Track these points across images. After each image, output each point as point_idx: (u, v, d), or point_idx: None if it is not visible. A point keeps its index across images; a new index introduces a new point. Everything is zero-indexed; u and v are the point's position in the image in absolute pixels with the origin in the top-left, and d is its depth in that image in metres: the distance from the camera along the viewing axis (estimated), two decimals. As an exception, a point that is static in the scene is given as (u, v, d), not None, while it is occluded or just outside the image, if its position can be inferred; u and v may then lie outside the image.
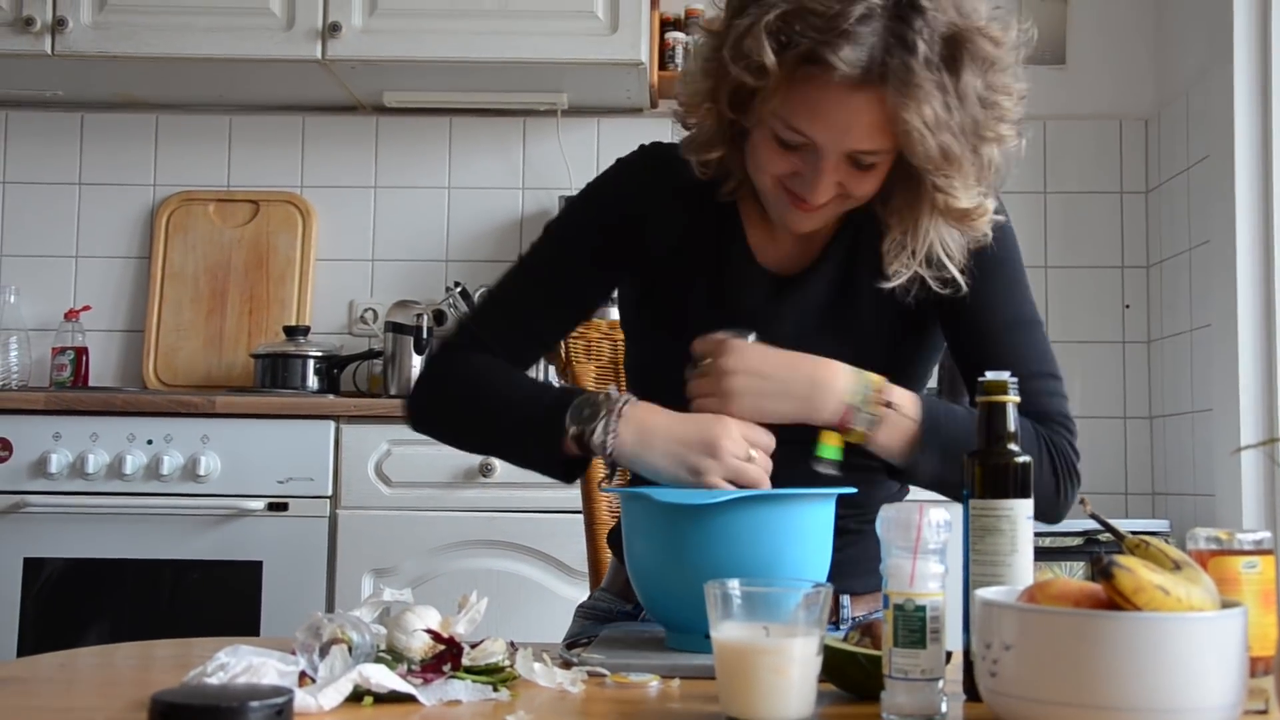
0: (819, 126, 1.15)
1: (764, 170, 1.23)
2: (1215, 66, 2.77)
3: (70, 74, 3.01)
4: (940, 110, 1.11)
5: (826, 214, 1.26)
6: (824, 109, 1.14)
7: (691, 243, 1.36)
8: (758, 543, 1.13)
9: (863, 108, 1.13)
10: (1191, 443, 2.92)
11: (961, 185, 1.17)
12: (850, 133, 1.15)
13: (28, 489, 2.55)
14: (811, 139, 1.17)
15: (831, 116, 1.15)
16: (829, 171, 1.18)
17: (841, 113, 1.14)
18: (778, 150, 1.20)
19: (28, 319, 3.13)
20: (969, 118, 1.14)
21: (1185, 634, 0.81)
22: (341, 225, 3.23)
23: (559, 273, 1.39)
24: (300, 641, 1.00)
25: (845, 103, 1.13)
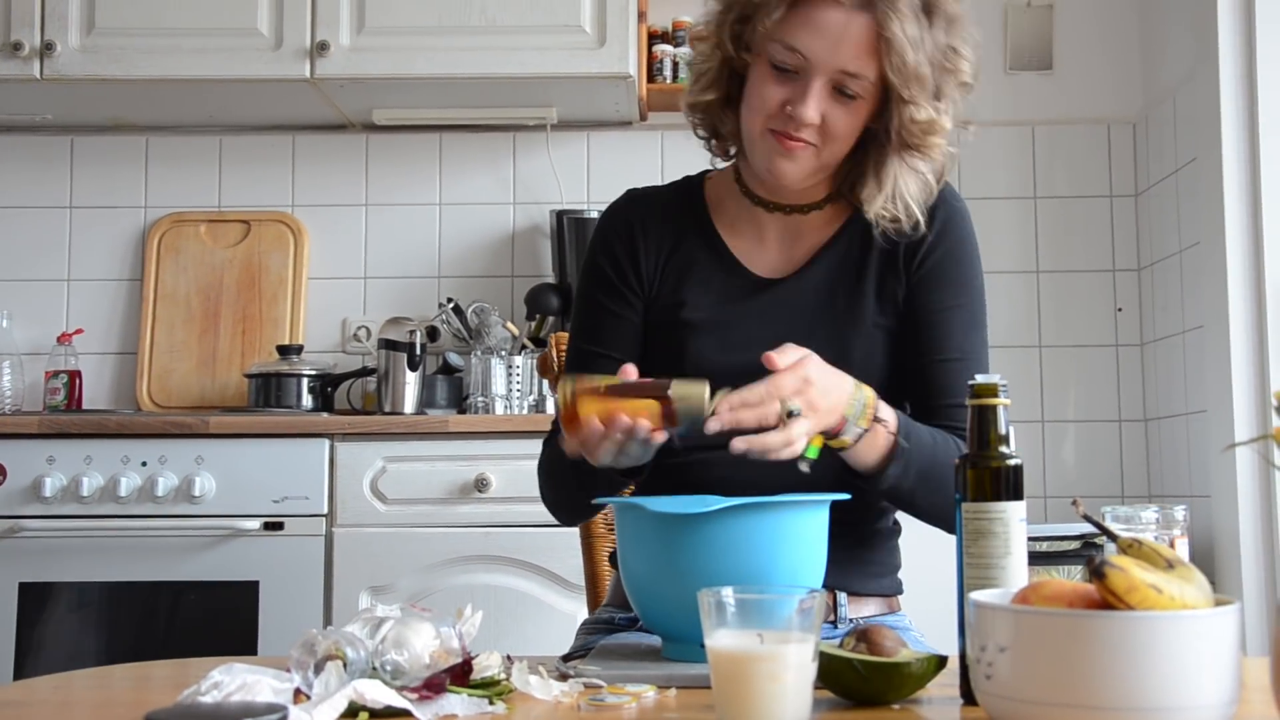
0: (817, 40, 1.31)
1: (758, 105, 1.35)
2: (1201, 69, 2.79)
3: (59, 98, 3.01)
4: (915, 34, 1.31)
5: (807, 162, 1.36)
6: (822, 25, 1.31)
7: (678, 258, 1.46)
8: (751, 551, 1.13)
9: (856, 28, 1.31)
10: (1186, 445, 2.92)
11: (925, 101, 1.34)
12: (841, 49, 1.31)
13: (22, 513, 2.54)
14: (807, 55, 1.31)
15: (829, 32, 1.31)
16: (818, 90, 1.32)
17: (836, 29, 1.30)
18: (773, 78, 1.34)
19: (20, 343, 3.12)
20: (937, 51, 1.34)
21: (1179, 632, 0.81)
22: (333, 243, 3.24)
23: (599, 331, 1.48)
24: (295, 658, 1.00)
25: (841, 21, 1.30)
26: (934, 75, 1.34)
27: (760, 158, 1.39)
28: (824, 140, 1.35)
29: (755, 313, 1.42)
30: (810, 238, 1.46)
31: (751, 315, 1.42)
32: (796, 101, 1.32)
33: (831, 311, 1.42)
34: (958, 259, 1.45)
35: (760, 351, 1.31)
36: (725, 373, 1.33)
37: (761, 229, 1.47)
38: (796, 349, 1.24)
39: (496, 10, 2.85)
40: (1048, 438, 3.15)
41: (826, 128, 1.34)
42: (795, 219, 1.46)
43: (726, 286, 1.44)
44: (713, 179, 1.53)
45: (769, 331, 1.38)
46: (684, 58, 3.09)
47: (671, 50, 3.09)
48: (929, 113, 1.34)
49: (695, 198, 1.50)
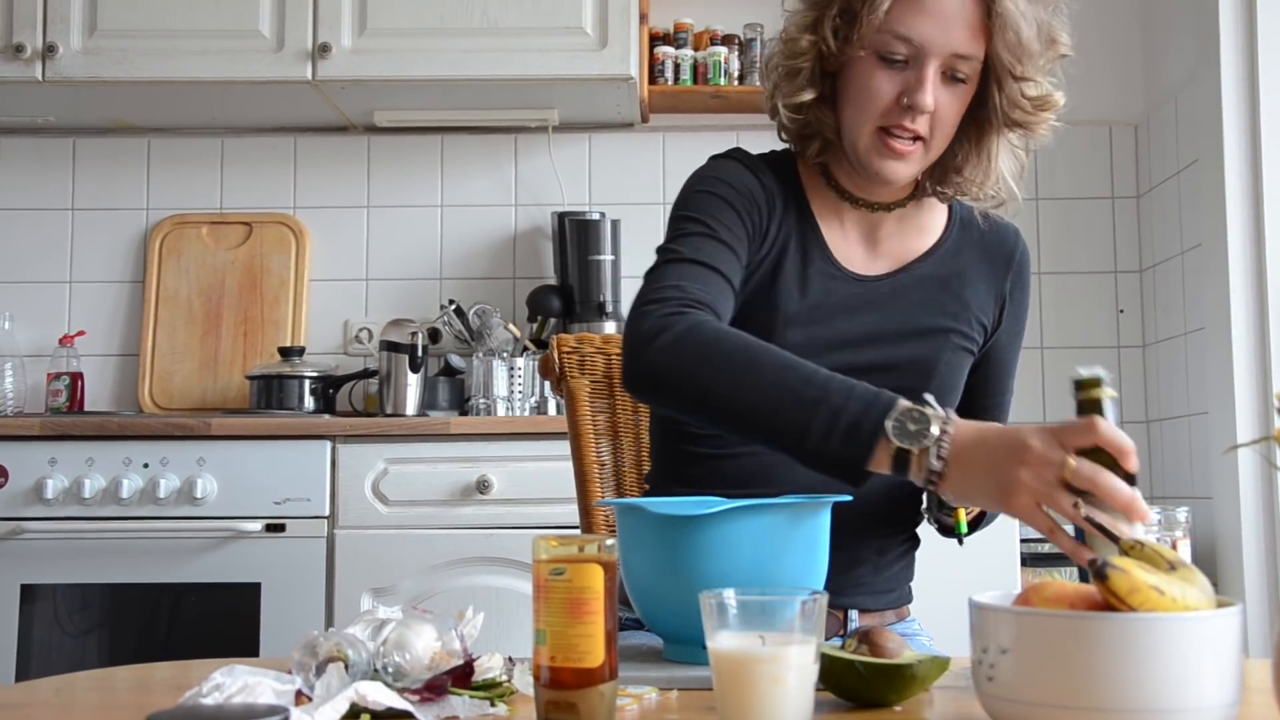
0: (929, 25, 1.29)
1: (869, 102, 1.33)
2: (1203, 71, 2.79)
3: (61, 100, 3.01)
4: (1025, 7, 1.29)
5: (916, 161, 1.35)
6: (934, 8, 1.29)
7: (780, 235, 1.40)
8: (753, 552, 1.12)
9: (968, 8, 1.29)
10: (1188, 446, 2.92)
11: (1039, 76, 1.32)
12: (953, 31, 1.29)
13: (24, 515, 2.54)
14: (920, 41, 1.29)
15: (941, 14, 1.29)
16: (933, 77, 1.30)
17: (949, 11, 1.29)
18: (883, 71, 1.32)
19: (22, 345, 3.13)
20: (1042, 24, 1.31)
21: (1181, 634, 0.80)
22: (335, 245, 3.24)
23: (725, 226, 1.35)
24: (297, 660, 0.99)
25: (954, 2, 1.29)
26: (1042, 49, 1.32)
27: (868, 161, 1.36)
28: (934, 130, 1.34)
29: (846, 312, 1.40)
30: (892, 242, 1.45)
31: (840, 308, 1.39)
32: (913, 91, 1.31)
33: (921, 316, 1.42)
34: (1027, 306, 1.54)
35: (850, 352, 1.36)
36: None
37: (845, 226, 1.44)
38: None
39: (498, 12, 2.85)
40: (1049, 439, 3.14)
41: (938, 116, 1.33)
42: (872, 218, 1.44)
43: (822, 280, 1.40)
44: (803, 164, 1.46)
45: (854, 325, 1.39)
46: (685, 59, 3.09)
47: (673, 52, 3.09)
48: (1042, 88, 1.34)
49: (793, 178, 1.44)
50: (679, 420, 1.40)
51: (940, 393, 1.35)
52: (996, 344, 1.48)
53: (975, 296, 1.45)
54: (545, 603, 0.92)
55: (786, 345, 1.23)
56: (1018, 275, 1.49)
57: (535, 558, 0.93)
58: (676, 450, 1.45)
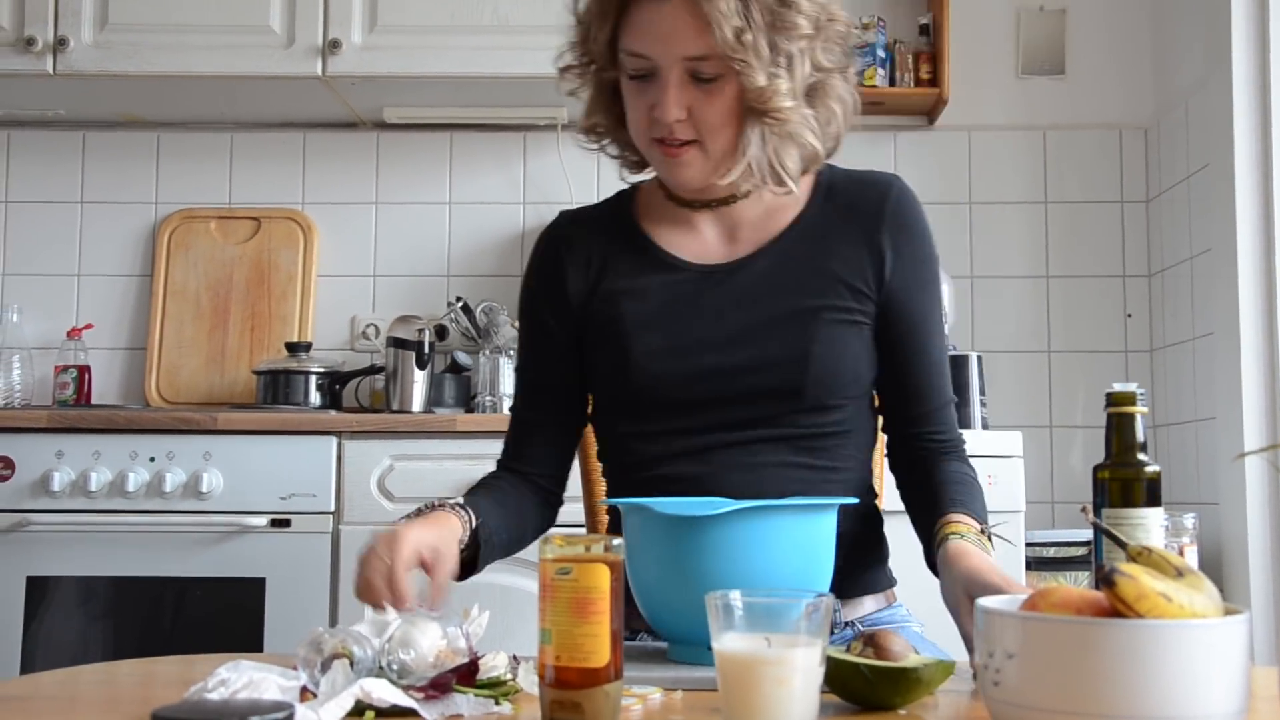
0: (650, 39, 1.32)
1: (633, 120, 1.37)
2: (1214, 74, 2.78)
3: (72, 93, 3.02)
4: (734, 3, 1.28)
5: (697, 162, 1.35)
6: (650, 22, 1.32)
7: (610, 268, 1.44)
8: (760, 554, 1.12)
9: (681, 14, 1.30)
10: (1195, 452, 2.92)
11: (761, 69, 1.30)
12: (674, 39, 1.30)
13: (30, 507, 2.55)
14: (648, 54, 1.32)
15: (658, 27, 1.31)
16: (673, 85, 1.32)
17: (664, 22, 1.31)
18: (636, 90, 1.35)
19: (30, 337, 3.13)
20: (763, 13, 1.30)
21: (1188, 641, 0.80)
22: (343, 241, 3.24)
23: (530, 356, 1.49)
24: (302, 656, 1.00)
25: (665, 12, 1.31)
26: (766, 38, 1.29)
27: (659, 167, 1.40)
28: (703, 133, 1.33)
29: (700, 307, 1.38)
30: (752, 230, 1.42)
31: (696, 310, 1.38)
32: (657, 104, 1.33)
33: (785, 299, 1.37)
34: (924, 257, 1.43)
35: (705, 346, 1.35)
36: (676, 376, 1.36)
37: (696, 228, 1.43)
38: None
39: (508, 9, 2.85)
40: (1056, 443, 3.14)
41: (698, 118, 1.32)
42: (727, 213, 1.42)
43: (666, 285, 1.40)
44: (643, 189, 1.50)
45: (717, 325, 1.37)
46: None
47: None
48: (762, 79, 1.30)
49: (625, 208, 1.49)
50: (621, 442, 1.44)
51: (828, 376, 1.34)
52: (894, 300, 1.40)
53: (844, 265, 1.39)
54: (551, 602, 0.91)
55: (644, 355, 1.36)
56: (894, 223, 1.41)
57: (542, 557, 0.93)
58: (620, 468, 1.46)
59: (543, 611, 0.92)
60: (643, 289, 1.41)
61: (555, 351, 1.46)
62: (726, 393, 1.35)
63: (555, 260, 1.47)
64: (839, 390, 1.37)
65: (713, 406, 1.36)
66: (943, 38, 3.07)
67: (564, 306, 1.45)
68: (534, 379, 1.49)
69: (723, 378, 1.35)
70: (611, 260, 1.44)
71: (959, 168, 3.23)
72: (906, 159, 3.21)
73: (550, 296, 1.46)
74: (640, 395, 1.38)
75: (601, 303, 1.43)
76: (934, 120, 3.21)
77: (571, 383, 1.47)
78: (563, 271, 1.46)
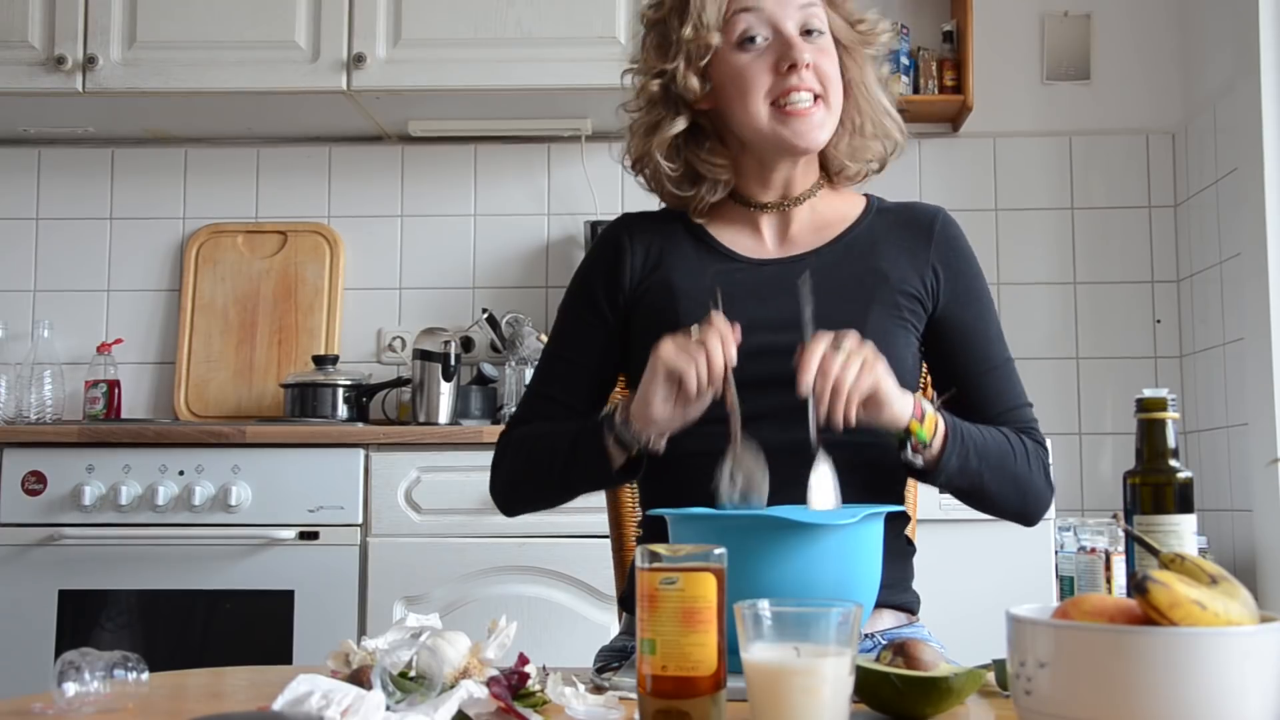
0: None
1: (751, 84, 1.38)
2: (1242, 79, 2.76)
3: (101, 110, 3.05)
4: None
5: (819, 115, 1.39)
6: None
7: (668, 256, 1.48)
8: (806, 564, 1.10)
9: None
10: (1227, 458, 2.89)
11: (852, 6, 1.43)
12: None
13: (62, 521, 2.57)
14: (768, 8, 1.37)
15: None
16: (794, 34, 1.37)
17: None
18: (748, 54, 1.38)
19: (61, 353, 3.16)
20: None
21: (1223, 649, 0.79)
22: (369, 254, 3.25)
23: (567, 338, 1.51)
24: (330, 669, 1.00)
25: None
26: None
27: (780, 136, 1.40)
28: (824, 85, 1.39)
29: (756, 294, 1.41)
30: (807, 232, 1.47)
31: (752, 297, 1.40)
32: (785, 55, 1.36)
33: (837, 291, 1.40)
34: (975, 272, 1.49)
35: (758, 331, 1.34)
36: None
37: (756, 228, 1.48)
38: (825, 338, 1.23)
39: (531, 22, 2.86)
40: (1085, 450, 3.12)
41: (819, 70, 1.38)
42: (787, 214, 1.48)
43: (722, 273, 1.43)
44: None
45: (769, 309, 1.38)
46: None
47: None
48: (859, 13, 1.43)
49: (685, 213, 1.52)
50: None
51: None
52: (950, 315, 1.45)
53: (894, 269, 1.43)
54: (655, 612, 0.91)
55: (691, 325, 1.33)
56: (943, 242, 1.47)
57: (641, 567, 0.93)
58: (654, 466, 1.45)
59: (643, 622, 0.92)
60: (698, 278, 1.44)
61: (598, 334, 1.48)
62: (773, 376, 1.30)
63: (617, 245, 1.50)
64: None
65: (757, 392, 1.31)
66: (966, 44, 3.06)
67: (618, 288, 1.48)
68: (565, 358, 1.50)
69: (771, 359, 1.30)
70: (669, 250, 1.48)
71: (984, 174, 3.21)
72: (931, 166, 3.20)
73: (608, 277, 1.49)
74: None
75: (657, 287, 1.46)
76: (959, 127, 3.20)
77: (601, 371, 1.50)
78: (623, 256, 1.48)
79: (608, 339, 1.48)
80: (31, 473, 2.59)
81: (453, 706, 0.93)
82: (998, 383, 1.45)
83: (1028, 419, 1.46)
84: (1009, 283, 3.16)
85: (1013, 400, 1.45)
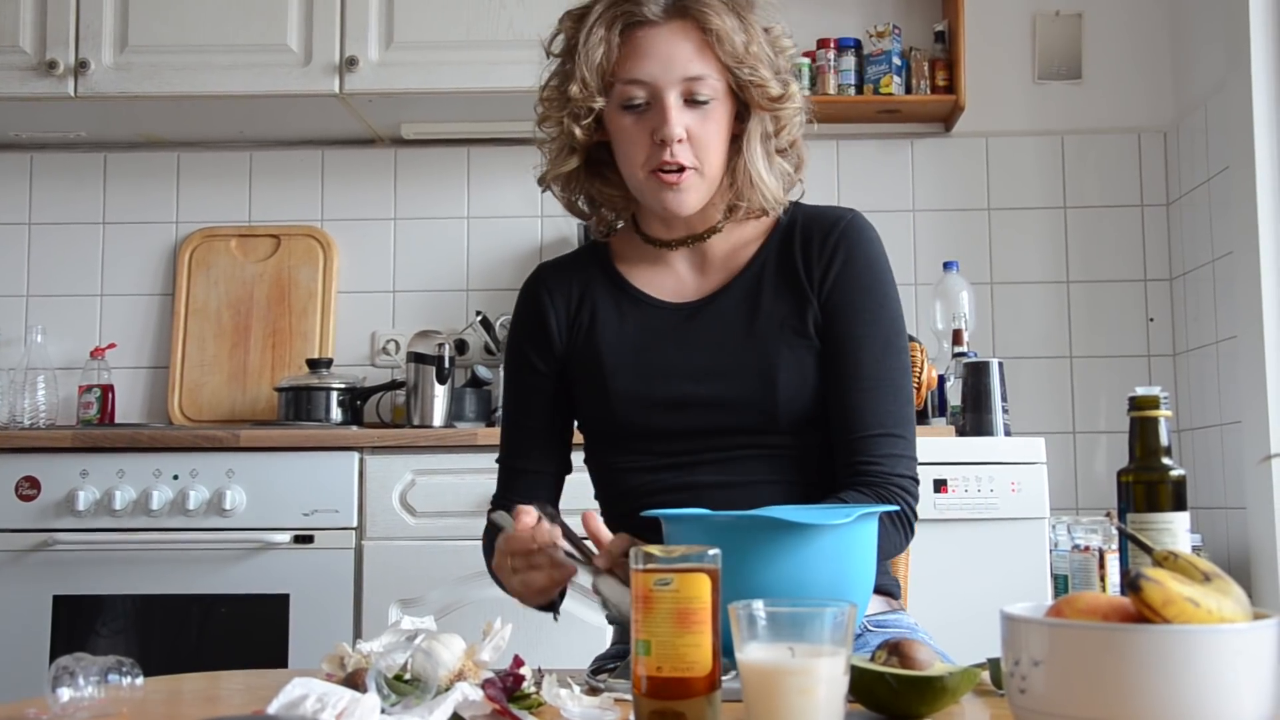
0: (651, 63, 1.37)
1: (630, 149, 1.40)
2: (1233, 77, 2.76)
3: (93, 115, 3.04)
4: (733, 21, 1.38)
5: (694, 186, 1.40)
6: (649, 46, 1.38)
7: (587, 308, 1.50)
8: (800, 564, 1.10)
9: (680, 35, 1.38)
10: (1221, 456, 2.89)
11: (770, 75, 1.40)
12: (675, 60, 1.37)
13: (56, 526, 2.56)
14: (649, 80, 1.37)
15: (658, 49, 1.37)
16: (674, 106, 1.37)
17: (664, 44, 1.38)
18: (631, 118, 1.39)
19: (54, 358, 3.15)
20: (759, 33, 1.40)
21: (1216, 646, 0.79)
22: (362, 257, 3.25)
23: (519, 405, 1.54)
24: (325, 673, 1.00)
25: (664, 35, 1.38)
26: (769, 54, 1.40)
27: (652, 201, 1.42)
28: (699, 155, 1.39)
29: (673, 341, 1.44)
30: (721, 264, 1.48)
31: (670, 344, 1.44)
32: (659, 126, 1.37)
33: (751, 330, 1.42)
34: (865, 285, 1.43)
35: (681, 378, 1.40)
36: (654, 407, 1.41)
37: (670, 267, 1.49)
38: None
39: (524, 24, 2.86)
40: (1079, 449, 3.13)
41: (695, 140, 1.38)
42: (699, 248, 1.48)
43: (640, 321, 1.46)
44: (616, 238, 1.55)
45: (690, 357, 1.42)
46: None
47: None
48: (778, 88, 1.40)
49: (601, 254, 1.54)
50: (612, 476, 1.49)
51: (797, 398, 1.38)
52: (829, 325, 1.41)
53: (797, 295, 1.43)
54: (650, 613, 0.91)
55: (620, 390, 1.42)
56: (836, 248, 1.43)
57: (636, 568, 0.93)
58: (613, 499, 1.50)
59: (638, 623, 0.92)
60: (619, 326, 1.47)
61: (542, 394, 1.51)
62: (705, 422, 1.40)
63: (537, 303, 1.52)
64: (811, 410, 1.40)
65: (694, 435, 1.40)
66: (958, 44, 3.06)
67: (548, 346, 1.50)
68: (522, 425, 1.53)
69: (699, 408, 1.40)
70: (589, 300, 1.50)
71: (977, 174, 3.22)
72: (923, 166, 3.21)
73: (535, 337, 1.51)
74: (622, 427, 1.43)
75: (582, 340, 1.49)
76: (951, 127, 3.20)
77: (558, 428, 1.53)
78: (545, 313, 1.51)
79: (555, 395, 1.51)
80: (25, 478, 2.58)
81: (448, 709, 0.93)
82: (863, 402, 1.39)
83: (882, 451, 1.38)
84: (1001, 282, 3.17)
85: (873, 425, 1.38)
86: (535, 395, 1.51)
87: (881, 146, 3.19)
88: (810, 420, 1.40)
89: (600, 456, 1.49)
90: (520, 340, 1.53)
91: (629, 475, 1.45)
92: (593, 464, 1.52)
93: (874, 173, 3.21)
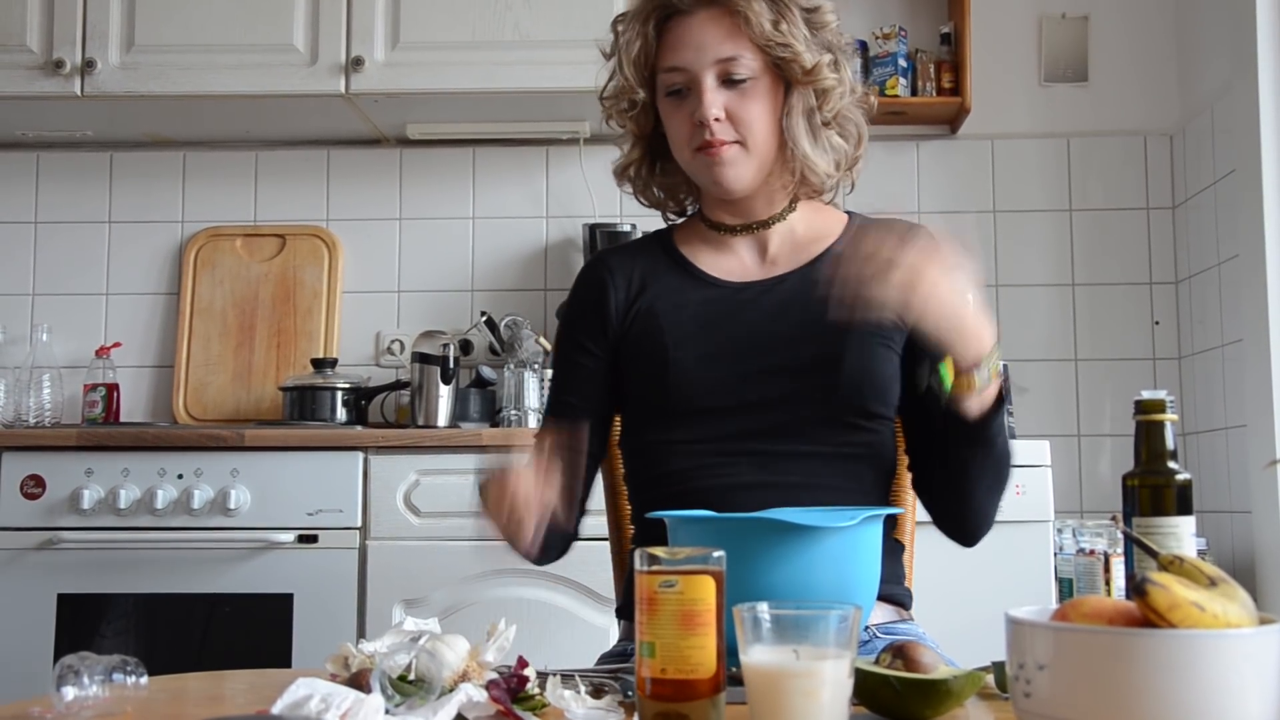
0: (685, 51, 1.43)
1: (676, 133, 1.45)
2: (1239, 80, 2.76)
3: (99, 114, 3.05)
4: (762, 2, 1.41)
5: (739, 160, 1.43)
6: (682, 35, 1.44)
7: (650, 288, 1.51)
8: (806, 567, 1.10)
9: (710, 22, 1.43)
10: (1226, 459, 2.89)
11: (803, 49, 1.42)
12: (707, 44, 1.42)
13: (60, 525, 2.57)
14: (684, 65, 1.42)
15: (690, 37, 1.43)
16: (709, 88, 1.41)
17: (695, 31, 1.43)
18: (675, 106, 1.45)
19: (59, 357, 3.16)
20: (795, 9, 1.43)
21: (1222, 651, 0.79)
22: (367, 257, 3.25)
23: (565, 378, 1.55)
24: (330, 673, 1.00)
25: (696, 22, 1.43)
26: (805, 29, 1.43)
27: (702, 179, 1.46)
28: (741, 131, 1.42)
29: (738, 320, 1.45)
30: (788, 255, 1.49)
31: (734, 323, 1.45)
32: (695, 108, 1.42)
33: (817, 312, 1.39)
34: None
35: (741, 354, 1.40)
36: (705, 383, 1.41)
37: (734, 251, 1.51)
38: None
39: (529, 25, 2.86)
40: (1084, 452, 3.12)
41: (736, 118, 1.42)
42: (762, 235, 1.50)
43: (704, 300, 1.48)
44: (681, 226, 1.58)
45: (755, 336, 1.43)
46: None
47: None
48: (809, 58, 1.42)
49: (665, 240, 1.56)
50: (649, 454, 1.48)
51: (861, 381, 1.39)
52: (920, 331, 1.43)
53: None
54: (654, 615, 0.91)
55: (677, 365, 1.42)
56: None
57: (640, 570, 0.93)
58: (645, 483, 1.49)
59: (642, 625, 0.92)
60: (681, 303, 1.48)
61: (590, 374, 1.51)
62: (760, 397, 1.40)
63: (598, 283, 1.53)
64: (871, 396, 1.40)
65: (745, 413, 1.40)
66: (964, 46, 3.06)
67: (603, 326, 1.51)
68: (564, 403, 1.53)
69: (757, 381, 1.40)
70: (651, 279, 1.52)
71: (982, 176, 3.22)
72: (929, 168, 3.21)
73: (591, 317, 1.52)
74: (675, 401, 1.42)
75: (641, 317, 1.49)
76: (956, 129, 3.20)
77: (600, 412, 1.53)
78: (605, 292, 1.52)
79: (601, 375, 1.52)
80: (30, 476, 2.59)
81: (452, 710, 0.93)
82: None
83: None
84: (1007, 285, 3.16)
85: None
86: (584, 375, 1.52)
87: (887, 148, 3.19)
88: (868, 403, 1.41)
89: (643, 435, 1.48)
90: (575, 319, 1.55)
91: (669, 458, 1.43)
92: (633, 445, 1.51)
93: (879, 175, 3.20)
